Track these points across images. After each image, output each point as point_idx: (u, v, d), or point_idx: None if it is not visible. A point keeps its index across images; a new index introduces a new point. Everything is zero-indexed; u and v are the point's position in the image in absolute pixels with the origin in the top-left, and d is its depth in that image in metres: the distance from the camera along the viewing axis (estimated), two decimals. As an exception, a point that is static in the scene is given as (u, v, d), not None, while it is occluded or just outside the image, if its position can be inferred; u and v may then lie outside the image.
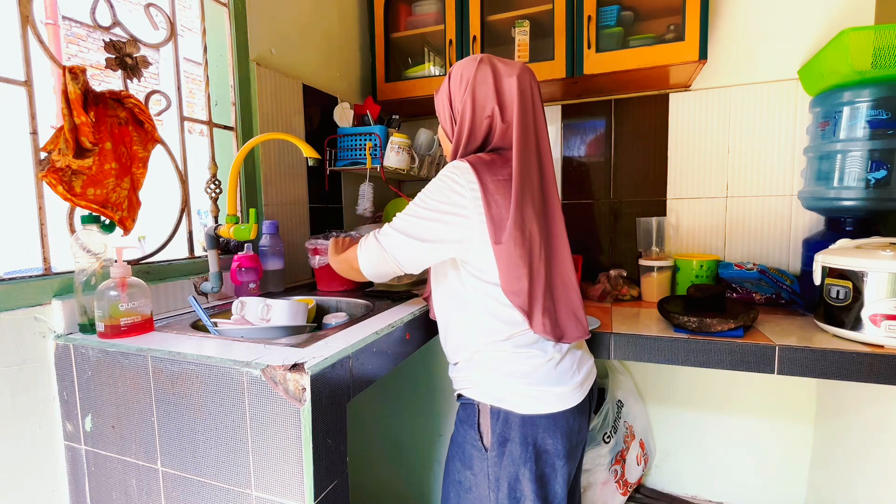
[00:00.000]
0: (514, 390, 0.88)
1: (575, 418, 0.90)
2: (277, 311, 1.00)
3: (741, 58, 1.59)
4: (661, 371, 1.78)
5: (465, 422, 0.94)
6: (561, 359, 0.90)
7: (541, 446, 0.88)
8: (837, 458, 1.44)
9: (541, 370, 0.88)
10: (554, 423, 0.88)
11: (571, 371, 0.91)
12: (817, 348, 1.02)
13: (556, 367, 0.89)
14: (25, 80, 0.87)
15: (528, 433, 0.87)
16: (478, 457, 0.91)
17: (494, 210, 0.84)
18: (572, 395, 0.89)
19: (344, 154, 1.59)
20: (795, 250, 1.58)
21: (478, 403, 0.91)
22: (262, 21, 1.37)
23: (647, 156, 1.74)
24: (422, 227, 0.87)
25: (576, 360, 0.93)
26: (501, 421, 0.88)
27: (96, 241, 0.89)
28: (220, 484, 0.74)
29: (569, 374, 0.90)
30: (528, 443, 0.87)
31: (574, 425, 0.91)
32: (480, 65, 0.91)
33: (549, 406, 0.88)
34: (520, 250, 0.84)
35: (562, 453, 0.89)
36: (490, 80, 0.89)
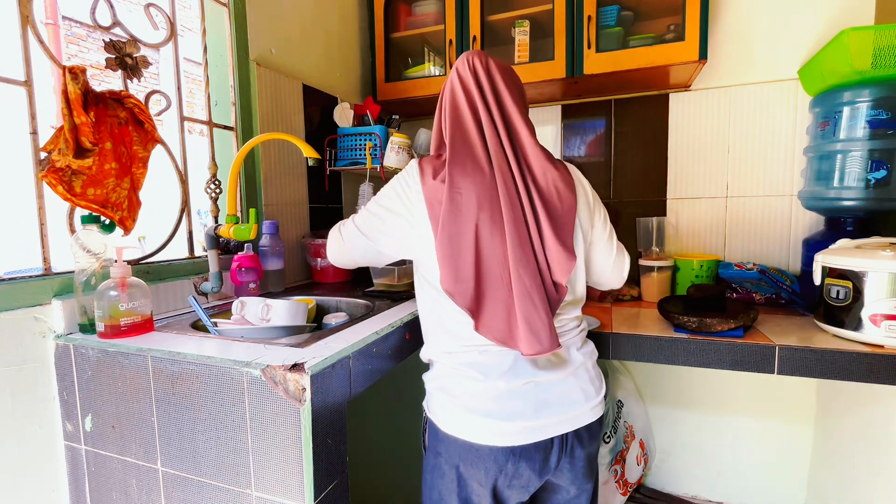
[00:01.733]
0: (441, 405, 0.82)
1: (512, 461, 0.77)
2: (277, 311, 1.00)
3: (741, 58, 1.59)
4: (661, 371, 1.78)
5: None
6: (506, 390, 0.77)
7: (463, 473, 0.80)
8: (837, 458, 1.44)
9: (475, 395, 0.78)
10: (476, 456, 0.78)
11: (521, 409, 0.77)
12: (817, 348, 1.02)
13: (496, 400, 0.77)
14: (25, 80, 0.87)
15: (452, 454, 0.80)
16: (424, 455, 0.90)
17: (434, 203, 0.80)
18: (510, 435, 0.77)
19: (344, 154, 1.59)
20: (795, 250, 1.58)
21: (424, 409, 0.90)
22: (262, 21, 1.37)
23: (647, 156, 1.74)
24: (368, 222, 0.88)
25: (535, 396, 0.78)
26: (432, 433, 0.85)
27: (96, 241, 0.89)
28: (220, 484, 0.74)
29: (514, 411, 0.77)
30: (452, 464, 0.81)
31: (508, 468, 0.78)
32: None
33: (471, 434, 0.78)
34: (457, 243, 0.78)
35: (488, 489, 0.79)
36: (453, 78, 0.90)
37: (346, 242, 0.93)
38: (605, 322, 1.26)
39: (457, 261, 0.78)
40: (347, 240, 0.92)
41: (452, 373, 0.82)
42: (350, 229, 0.91)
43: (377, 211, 0.87)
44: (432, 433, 0.85)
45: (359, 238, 0.90)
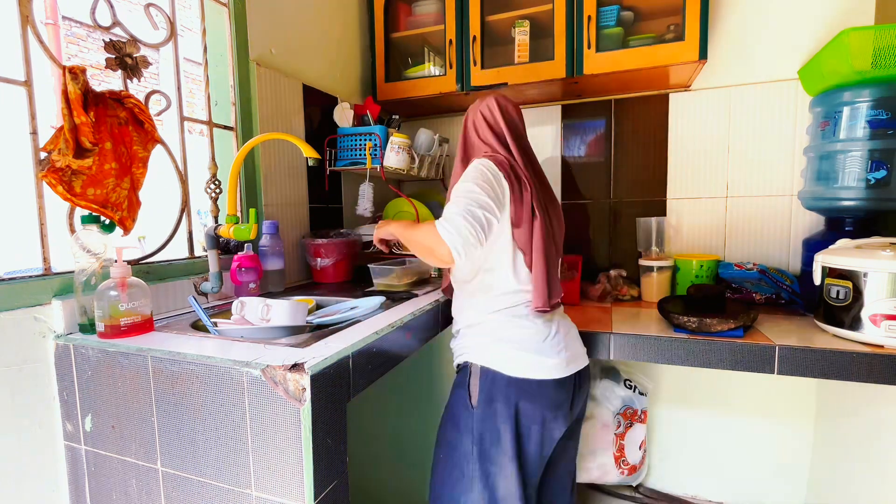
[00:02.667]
0: (505, 355, 0.99)
1: (557, 392, 0.99)
2: (277, 311, 1.00)
3: (741, 58, 1.59)
4: (661, 371, 1.78)
5: (459, 386, 1.05)
6: (549, 335, 1.01)
7: (522, 408, 0.97)
8: (837, 457, 1.44)
9: (531, 340, 0.99)
10: (536, 389, 0.97)
11: (559, 348, 1.01)
12: (817, 348, 1.02)
13: (545, 341, 1.00)
14: (25, 80, 0.87)
15: (511, 394, 0.97)
16: (465, 415, 1.01)
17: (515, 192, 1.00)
18: (557, 368, 0.99)
19: (344, 154, 1.59)
20: (795, 250, 1.58)
21: (470, 365, 1.02)
22: (262, 21, 1.37)
23: (647, 156, 1.74)
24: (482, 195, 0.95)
25: (562, 339, 1.03)
26: (489, 381, 0.99)
27: (96, 241, 0.89)
28: (220, 484, 0.74)
29: (556, 350, 1.00)
30: (511, 403, 0.97)
31: (555, 398, 0.99)
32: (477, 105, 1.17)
33: (533, 372, 0.97)
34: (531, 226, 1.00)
35: (539, 420, 0.98)
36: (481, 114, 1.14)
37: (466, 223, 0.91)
38: (605, 322, 1.26)
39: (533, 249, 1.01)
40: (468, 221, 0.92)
41: (506, 325, 1.01)
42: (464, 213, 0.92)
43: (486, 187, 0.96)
44: (487, 381, 0.99)
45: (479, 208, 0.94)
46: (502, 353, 0.99)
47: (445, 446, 1.04)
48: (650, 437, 1.81)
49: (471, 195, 0.94)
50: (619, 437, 1.70)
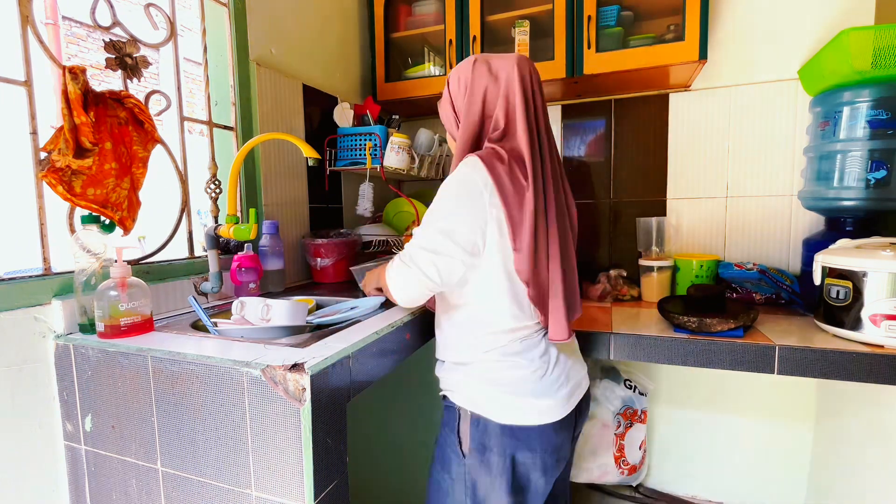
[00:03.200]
0: (496, 399, 0.87)
1: (558, 434, 0.88)
2: (277, 311, 1.00)
3: (741, 58, 1.59)
4: (661, 371, 1.78)
5: (447, 425, 0.93)
6: (548, 370, 0.88)
7: (519, 459, 0.86)
8: (837, 458, 1.44)
9: (526, 381, 0.87)
10: (534, 437, 0.86)
11: (558, 383, 0.88)
12: (817, 348, 1.02)
13: (542, 379, 0.87)
14: (25, 80, 0.87)
15: (506, 444, 0.85)
16: (456, 461, 0.90)
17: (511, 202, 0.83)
18: (557, 408, 0.87)
19: (344, 154, 1.59)
20: (795, 250, 1.58)
21: (459, 408, 0.90)
22: (262, 21, 1.37)
23: (647, 156, 1.74)
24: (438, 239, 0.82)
25: (565, 371, 0.91)
26: (481, 429, 0.87)
27: (96, 241, 0.89)
28: (220, 484, 0.74)
29: (555, 387, 0.88)
30: (506, 454, 0.86)
31: (556, 441, 0.88)
32: (476, 65, 0.92)
33: (530, 418, 0.86)
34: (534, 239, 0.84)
35: (540, 467, 0.87)
36: (486, 76, 0.90)
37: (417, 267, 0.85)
38: (605, 322, 1.26)
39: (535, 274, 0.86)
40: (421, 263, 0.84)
41: (497, 366, 0.88)
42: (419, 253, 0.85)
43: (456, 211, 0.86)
44: (479, 430, 0.87)
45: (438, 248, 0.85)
46: (494, 398, 0.87)
47: (436, 486, 0.95)
48: (650, 437, 1.81)
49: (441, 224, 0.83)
50: (619, 437, 1.70)
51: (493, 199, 0.83)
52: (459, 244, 0.82)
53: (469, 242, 0.83)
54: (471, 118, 0.91)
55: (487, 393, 0.87)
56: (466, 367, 0.90)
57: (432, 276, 0.83)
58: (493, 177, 0.83)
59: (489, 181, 0.83)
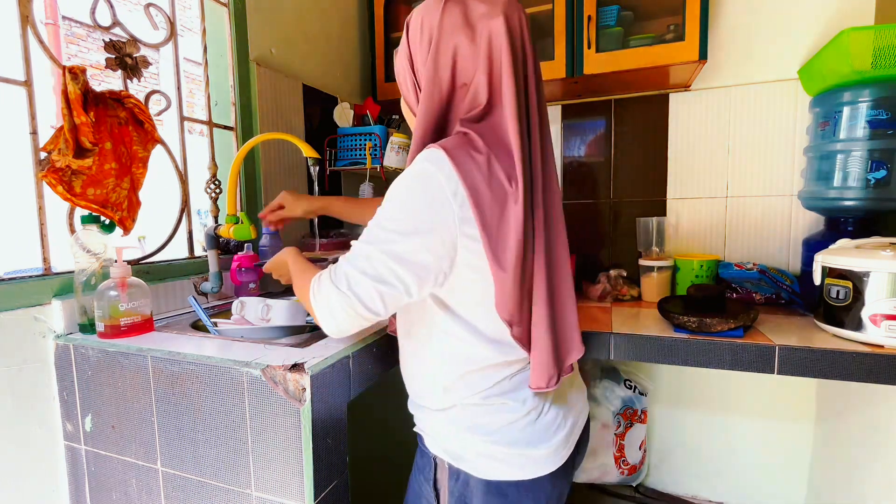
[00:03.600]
0: (478, 450, 0.69)
1: (556, 484, 0.71)
2: (277, 311, 1.00)
3: (741, 58, 1.59)
4: (661, 371, 1.78)
5: (422, 472, 0.77)
6: (543, 410, 0.70)
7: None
8: (837, 458, 1.44)
9: (515, 427, 0.68)
10: (526, 493, 0.69)
11: (556, 425, 0.71)
12: (817, 348, 1.02)
13: (536, 423, 0.69)
14: (25, 80, 0.87)
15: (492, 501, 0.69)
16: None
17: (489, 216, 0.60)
18: (555, 455, 0.70)
19: (344, 154, 1.59)
20: (795, 250, 1.58)
21: (434, 457, 0.73)
22: (262, 21, 1.37)
23: (647, 156, 1.74)
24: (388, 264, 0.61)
25: (563, 408, 0.73)
26: (461, 484, 0.70)
27: (96, 241, 0.89)
28: (220, 484, 0.74)
29: (552, 430, 0.70)
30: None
31: (552, 493, 0.71)
32: (448, 7, 0.65)
33: (522, 472, 0.68)
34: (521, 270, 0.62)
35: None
36: (461, 28, 0.64)
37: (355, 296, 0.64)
38: (605, 322, 1.26)
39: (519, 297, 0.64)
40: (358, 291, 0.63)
41: (480, 410, 0.69)
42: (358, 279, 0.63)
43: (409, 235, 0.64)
44: (461, 485, 0.70)
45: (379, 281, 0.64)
46: (476, 448, 0.69)
47: None
48: (650, 437, 1.81)
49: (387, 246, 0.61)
50: (619, 437, 1.70)
51: (465, 211, 0.60)
52: (416, 274, 0.61)
53: (430, 273, 0.62)
54: (436, 87, 0.65)
55: (468, 442, 0.69)
56: (445, 414, 0.72)
57: (375, 308, 0.62)
58: (465, 179, 0.59)
59: (459, 187, 0.59)
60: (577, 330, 0.72)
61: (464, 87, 0.66)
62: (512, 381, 0.70)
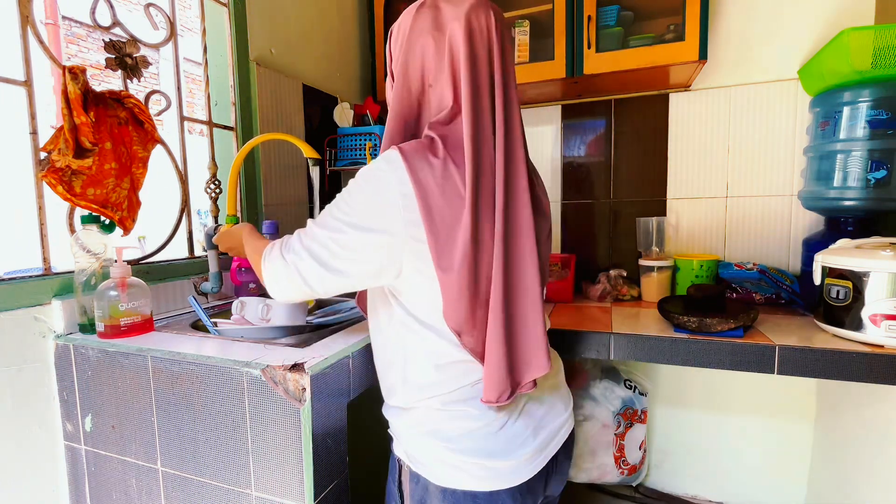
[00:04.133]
0: (434, 455, 0.68)
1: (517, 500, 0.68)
2: (277, 311, 1.00)
3: (741, 58, 1.59)
4: (661, 371, 1.78)
5: (391, 474, 0.77)
6: (508, 421, 0.68)
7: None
8: (837, 458, 1.44)
9: (475, 435, 0.67)
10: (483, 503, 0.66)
11: (524, 436, 0.69)
12: (817, 348, 1.02)
13: (499, 432, 0.67)
14: (25, 80, 0.87)
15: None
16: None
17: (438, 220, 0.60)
18: (520, 468, 0.67)
19: (344, 154, 1.59)
20: (795, 250, 1.58)
21: (398, 459, 0.74)
22: (262, 21, 1.37)
23: (647, 156, 1.74)
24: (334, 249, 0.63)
25: (537, 418, 0.71)
26: (420, 488, 0.69)
27: (96, 241, 0.89)
28: (220, 484, 0.74)
29: (518, 441, 0.68)
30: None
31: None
32: (421, 9, 0.67)
33: (479, 483, 0.66)
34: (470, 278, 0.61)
35: None
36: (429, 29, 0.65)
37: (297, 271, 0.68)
38: (605, 322, 1.26)
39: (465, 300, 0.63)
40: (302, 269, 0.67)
41: (438, 415, 0.68)
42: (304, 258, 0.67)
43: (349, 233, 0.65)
44: (420, 489, 0.70)
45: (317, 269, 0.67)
46: (433, 454, 0.68)
47: None
48: (650, 437, 1.81)
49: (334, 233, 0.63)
50: (619, 437, 1.70)
51: (411, 213, 0.60)
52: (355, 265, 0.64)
53: (374, 268, 0.64)
54: (405, 88, 0.67)
55: (428, 447, 0.68)
56: (408, 414, 0.71)
57: (313, 285, 0.66)
58: (415, 182, 0.60)
59: (408, 188, 0.60)
60: (541, 346, 0.67)
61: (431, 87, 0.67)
62: (474, 388, 0.68)
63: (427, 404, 0.69)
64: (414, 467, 0.70)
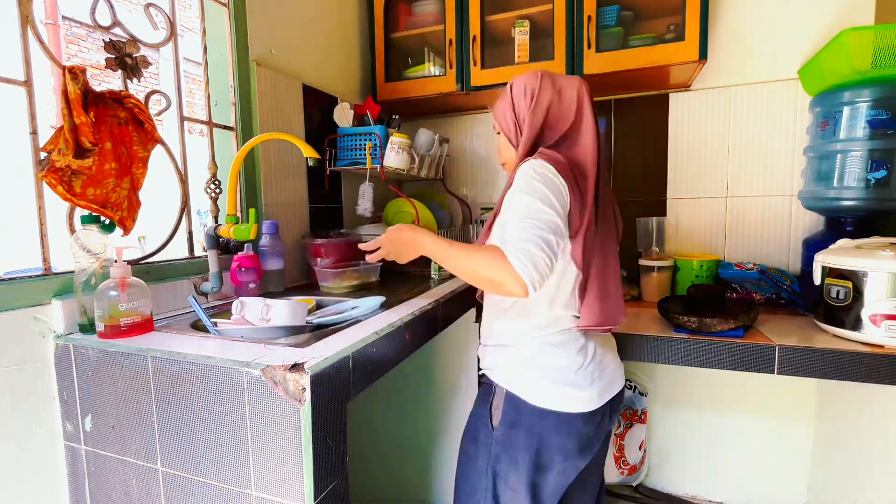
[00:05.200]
0: (533, 383, 0.92)
1: (586, 424, 0.92)
2: (277, 311, 1.00)
3: (741, 58, 1.59)
4: (661, 371, 1.78)
5: (481, 400, 1.00)
6: (583, 364, 0.93)
7: (545, 439, 0.91)
8: (837, 458, 1.44)
9: (562, 371, 0.92)
10: (563, 423, 0.91)
11: (592, 377, 0.93)
12: (817, 348, 1.02)
13: (577, 372, 0.92)
14: (25, 80, 0.87)
15: (535, 424, 0.91)
16: (484, 432, 0.96)
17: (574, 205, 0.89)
18: (588, 401, 0.91)
19: (344, 154, 1.59)
20: (795, 250, 1.58)
21: (496, 385, 0.96)
22: (262, 21, 1.37)
23: (647, 156, 1.74)
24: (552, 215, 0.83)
25: (599, 368, 0.95)
26: (513, 406, 0.93)
27: (96, 241, 0.89)
28: (220, 484, 0.74)
29: (588, 381, 0.92)
30: (534, 433, 0.91)
31: (585, 430, 0.92)
32: (543, 79, 0.98)
33: (561, 405, 0.90)
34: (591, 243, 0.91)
35: (565, 451, 0.92)
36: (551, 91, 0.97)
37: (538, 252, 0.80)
38: (605, 322, 1.26)
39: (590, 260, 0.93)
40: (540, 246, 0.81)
41: (539, 353, 0.93)
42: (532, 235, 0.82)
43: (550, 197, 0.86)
44: (512, 407, 0.93)
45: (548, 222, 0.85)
46: (531, 381, 0.93)
47: (464, 457, 1.01)
48: (650, 437, 1.81)
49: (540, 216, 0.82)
50: (619, 437, 1.70)
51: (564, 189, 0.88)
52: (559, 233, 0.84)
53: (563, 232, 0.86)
54: (534, 126, 0.97)
55: (526, 376, 0.93)
56: (510, 350, 0.96)
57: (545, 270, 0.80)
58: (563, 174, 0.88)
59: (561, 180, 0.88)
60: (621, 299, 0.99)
61: (549, 129, 0.98)
62: (563, 336, 0.94)
63: (529, 344, 0.94)
64: (513, 390, 0.93)
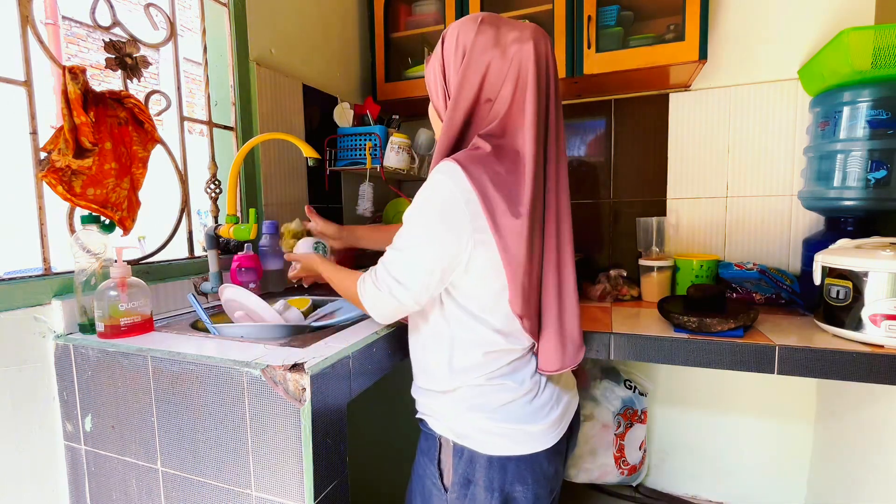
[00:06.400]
0: (480, 427, 0.77)
1: (550, 461, 0.80)
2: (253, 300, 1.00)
3: (741, 58, 1.59)
4: (661, 371, 1.78)
5: (426, 454, 0.83)
6: (539, 391, 0.79)
7: (508, 492, 0.77)
8: (837, 458, 1.44)
9: (513, 405, 0.77)
10: (525, 467, 0.77)
11: (549, 405, 0.80)
12: (817, 348, 1.02)
13: (532, 402, 0.78)
14: (25, 80, 0.87)
15: (494, 477, 0.76)
16: (437, 496, 0.81)
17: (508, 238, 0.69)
18: (548, 434, 0.78)
19: (344, 154, 1.59)
20: (795, 250, 1.58)
21: (439, 437, 0.80)
22: (262, 21, 1.37)
23: (647, 156, 1.74)
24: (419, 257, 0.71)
25: (555, 392, 0.82)
26: (465, 460, 0.77)
27: (96, 241, 0.89)
28: (220, 484, 0.74)
29: (545, 410, 0.79)
30: (494, 488, 0.76)
31: (548, 469, 0.80)
32: (482, 27, 0.72)
33: (520, 447, 0.77)
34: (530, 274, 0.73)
35: (533, 499, 0.78)
36: (492, 46, 0.71)
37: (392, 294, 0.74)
38: (605, 322, 1.26)
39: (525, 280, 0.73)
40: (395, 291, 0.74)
41: (483, 390, 0.77)
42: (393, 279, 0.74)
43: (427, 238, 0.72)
44: (462, 461, 0.78)
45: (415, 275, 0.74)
46: (479, 426, 0.77)
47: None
48: (650, 437, 1.81)
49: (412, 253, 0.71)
50: (619, 437, 1.70)
51: (479, 221, 0.68)
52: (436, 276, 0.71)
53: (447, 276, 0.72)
54: (464, 98, 0.73)
55: (471, 420, 0.77)
56: (447, 394, 0.80)
57: (406, 302, 0.74)
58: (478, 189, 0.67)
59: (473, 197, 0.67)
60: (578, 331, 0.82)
61: (488, 102, 0.74)
62: (511, 366, 0.78)
63: (470, 384, 0.77)
64: (459, 441, 0.78)
